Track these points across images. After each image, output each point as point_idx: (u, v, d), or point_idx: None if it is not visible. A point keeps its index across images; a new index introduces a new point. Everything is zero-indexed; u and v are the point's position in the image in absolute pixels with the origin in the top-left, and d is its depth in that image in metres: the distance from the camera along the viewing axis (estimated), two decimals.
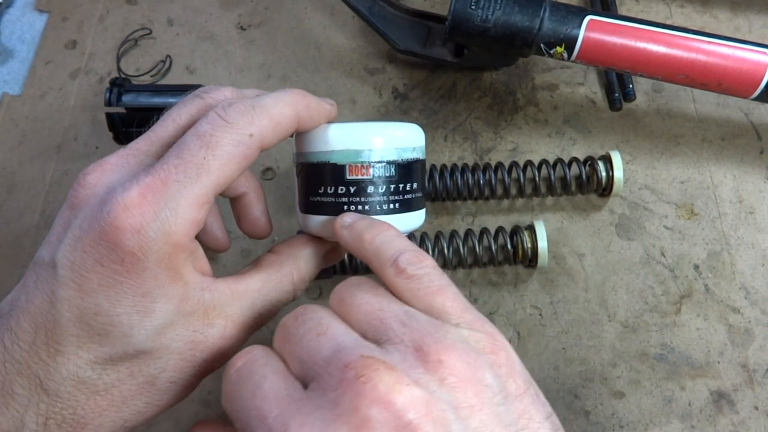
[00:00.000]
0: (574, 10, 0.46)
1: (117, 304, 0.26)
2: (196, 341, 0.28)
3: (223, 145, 0.27)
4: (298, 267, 0.32)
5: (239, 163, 0.28)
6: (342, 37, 0.58)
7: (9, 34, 0.61)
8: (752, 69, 0.45)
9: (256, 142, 0.28)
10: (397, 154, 0.32)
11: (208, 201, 0.27)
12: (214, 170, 0.27)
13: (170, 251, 0.26)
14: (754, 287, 0.47)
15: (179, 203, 0.26)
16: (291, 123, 0.30)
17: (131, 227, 0.25)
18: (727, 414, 0.44)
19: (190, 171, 0.26)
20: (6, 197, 0.52)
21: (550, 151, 0.53)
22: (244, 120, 0.28)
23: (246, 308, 0.30)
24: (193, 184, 0.26)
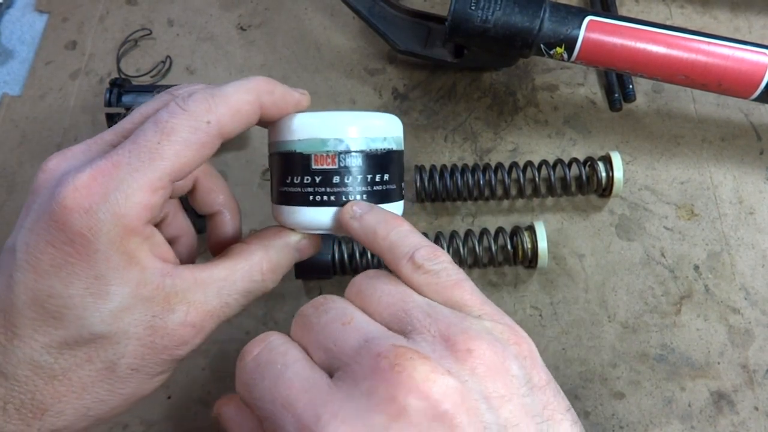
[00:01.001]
0: (574, 10, 0.46)
1: (70, 286, 0.26)
2: (155, 326, 0.28)
3: (179, 131, 0.27)
4: (269, 257, 0.31)
5: (197, 150, 0.27)
6: (342, 37, 0.58)
7: (9, 34, 0.61)
8: (752, 70, 0.45)
9: (213, 129, 0.27)
10: (365, 144, 0.31)
11: (163, 186, 0.27)
12: (168, 156, 0.27)
13: (121, 234, 0.26)
14: (754, 288, 0.47)
15: (130, 186, 0.26)
16: (252, 110, 0.29)
17: (80, 207, 0.25)
18: (727, 414, 0.44)
19: (143, 155, 0.26)
20: (6, 197, 0.52)
21: (550, 152, 0.53)
22: (201, 107, 0.27)
23: (211, 296, 0.29)
24: (146, 168, 0.26)
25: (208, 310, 0.29)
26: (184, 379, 0.45)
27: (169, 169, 0.27)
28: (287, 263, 0.32)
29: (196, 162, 0.28)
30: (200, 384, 0.45)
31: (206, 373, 0.45)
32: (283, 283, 0.47)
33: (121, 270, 0.26)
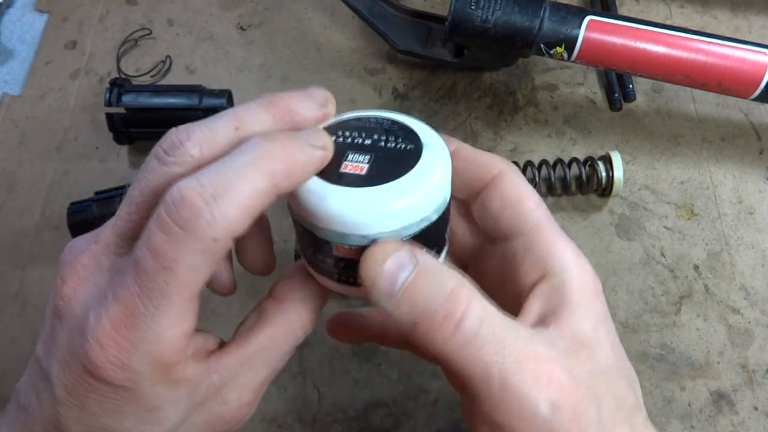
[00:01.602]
0: (574, 10, 0.46)
1: (123, 422, 0.25)
2: (213, 420, 0.27)
3: (183, 263, 0.23)
4: (305, 311, 0.29)
5: (209, 269, 0.24)
6: (342, 37, 0.58)
7: (9, 34, 0.61)
8: (752, 69, 0.45)
9: (223, 243, 0.23)
10: (396, 235, 0.25)
11: (189, 309, 0.24)
12: (182, 290, 0.23)
13: (162, 373, 0.24)
14: (754, 287, 0.47)
15: (156, 333, 0.24)
16: (267, 200, 0.24)
17: (113, 365, 0.24)
18: (727, 414, 0.44)
19: (155, 300, 0.23)
20: (6, 197, 0.52)
21: (550, 152, 0.53)
22: (202, 222, 0.22)
23: (259, 369, 0.28)
24: (163, 312, 0.23)
25: (258, 384, 0.28)
26: None
27: (185, 298, 0.24)
28: (321, 308, 0.30)
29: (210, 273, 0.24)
30: None
31: None
32: None
33: (170, 396, 0.25)
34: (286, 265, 0.48)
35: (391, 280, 0.24)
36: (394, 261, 0.24)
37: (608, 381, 0.26)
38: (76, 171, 0.53)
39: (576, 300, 0.26)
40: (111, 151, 0.54)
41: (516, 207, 0.29)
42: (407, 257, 0.24)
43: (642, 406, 0.27)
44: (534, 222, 0.28)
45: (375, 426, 0.44)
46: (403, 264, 0.24)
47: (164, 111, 0.50)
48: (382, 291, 0.24)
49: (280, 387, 0.45)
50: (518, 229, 0.29)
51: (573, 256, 0.28)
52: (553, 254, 0.28)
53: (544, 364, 0.24)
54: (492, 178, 0.29)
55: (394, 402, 0.44)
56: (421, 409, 0.44)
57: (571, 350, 0.25)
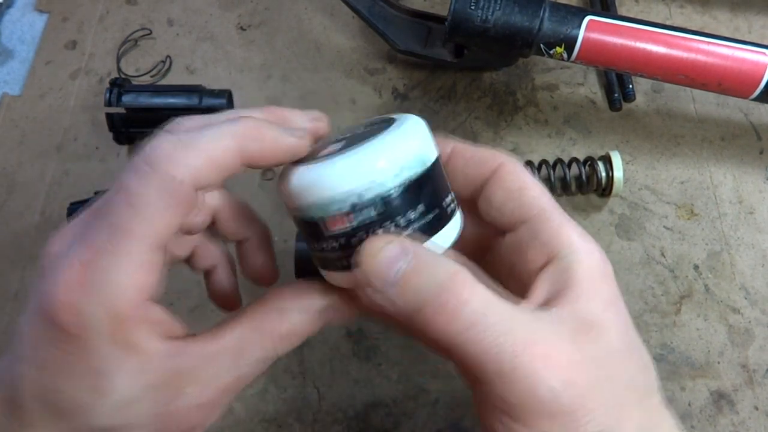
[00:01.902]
0: (573, 10, 0.46)
1: (73, 383, 0.25)
2: (165, 413, 0.26)
3: (148, 199, 0.24)
4: (284, 323, 0.27)
5: (175, 212, 0.25)
6: (342, 37, 0.58)
7: (9, 34, 0.61)
8: (752, 69, 0.45)
9: (187, 187, 0.24)
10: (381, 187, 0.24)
11: (148, 261, 0.25)
12: (145, 230, 0.24)
13: (114, 325, 0.24)
14: (754, 287, 0.47)
15: (114, 273, 0.24)
16: (233, 159, 0.25)
17: (68, 306, 0.24)
18: (727, 414, 0.44)
19: (118, 236, 0.24)
20: (6, 197, 0.52)
21: (550, 152, 0.53)
22: (169, 162, 0.24)
23: (223, 370, 0.26)
24: (124, 249, 0.24)
25: (221, 387, 0.26)
26: None
27: (148, 242, 0.24)
28: (307, 330, 0.28)
29: (178, 223, 0.25)
30: None
31: None
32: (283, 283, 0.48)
33: (121, 362, 0.25)
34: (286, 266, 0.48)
35: (389, 269, 0.24)
36: (389, 251, 0.24)
37: (617, 363, 0.25)
38: (76, 171, 0.53)
39: (583, 282, 0.26)
40: (111, 151, 0.54)
41: (519, 196, 0.29)
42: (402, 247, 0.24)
43: (657, 390, 0.27)
44: (538, 208, 0.28)
45: (375, 426, 0.44)
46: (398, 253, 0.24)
47: (164, 111, 0.50)
48: (383, 280, 0.24)
49: (280, 387, 0.45)
50: (523, 216, 0.29)
51: (580, 239, 0.28)
52: (559, 238, 0.27)
53: (552, 345, 0.24)
54: (492, 172, 0.29)
55: (394, 402, 0.44)
56: (421, 409, 0.44)
57: (578, 331, 0.25)
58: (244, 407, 0.44)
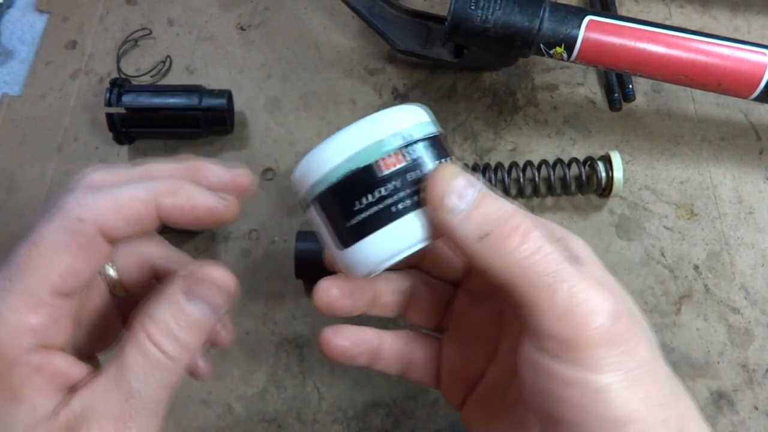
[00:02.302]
0: (573, 10, 0.46)
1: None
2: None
3: (48, 236, 0.24)
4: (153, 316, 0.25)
5: (74, 254, 0.24)
6: (342, 37, 0.59)
7: (9, 34, 0.61)
8: (751, 69, 0.45)
9: (89, 228, 0.24)
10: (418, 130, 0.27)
11: (44, 303, 0.24)
12: (40, 267, 0.23)
13: (1, 367, 0.23)
14: (754, 287, 0.47)
15: (6, 313, 0.23)
16: (143, 209, 0.25)
17: None
18: (727, 414, 0.44)
19: (14, 273, 0.23)
20: (6, 197, 0.52)
21: (550, 152, 0.53)
22: (73, 204, 0.24)
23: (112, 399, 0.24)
24: (17, 287, 0.23)
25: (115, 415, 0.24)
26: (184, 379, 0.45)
27: (46, 283, 0.24)
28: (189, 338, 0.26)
29: (81, 268, 0.24)
30: (200, 384, 0.45)
31: None
32: (283, 283, 0.48)
33: (9, 412, 0.23)
34: (286, 266, 0.48)
35: (460, 195, 0.25)
36: (463, 179, 0.25)
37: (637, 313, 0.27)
38: (76, 171, 0.52)
39: (585, 255, 0.27)
40: (111, 151, 0.54)
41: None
42: (473, 178, 0.26)
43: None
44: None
45: (375, 426, 0.44)
46: (469, 183, 0.25)
47: (164, 111, 0.50)
48: (452, 205, 0.25)
49: (280, 387, 0.45)
50: None
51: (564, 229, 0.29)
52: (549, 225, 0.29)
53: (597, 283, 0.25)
54: None
55: (394, 402, 0.44)
56: (421, 409, 0.44)
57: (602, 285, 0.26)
58: (244, 407, 0.44)
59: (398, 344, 0.33)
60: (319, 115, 0.54)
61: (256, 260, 0.49)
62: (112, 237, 0.25)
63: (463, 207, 0.25)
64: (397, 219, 0.26)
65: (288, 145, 0.53)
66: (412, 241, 0.26)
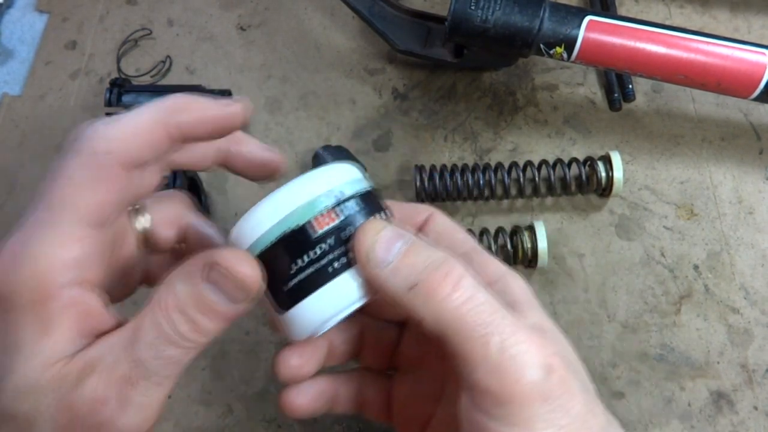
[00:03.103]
0: (573, 10, 0.46)
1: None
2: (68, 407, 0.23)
3: (77, 171, 0.25)
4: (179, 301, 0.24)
5: (105, 185, 0.25)
6: (342, 37, 0.59)
7: (9, 34, 0.61)
8: (751, 69, 0.45)
9: (112, 159, 0.25)
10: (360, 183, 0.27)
11: (82, 236, 0.24)
12: (70, 202, 0.24)
13: (40, 296, 0.23)
14: (754, 287, 0.47)
15: (43, 245, 0.24)
16: (158, 130, 0.26)
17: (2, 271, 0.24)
18: (727, 414, 0.44)
19: (54, 207, 0.24)
20: (6, 197, 0.52)
21: (550, 152, 0.53)
22: (92, 139, 0.25)
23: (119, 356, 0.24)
24: (57, 220, 0.24)
25: (118, 376, 0.24)
26: (184, 379, 0.45)
27: (81, 214, 0.24)
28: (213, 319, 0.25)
29: (107, 200, 0.25)
30: (200, 384, 0.45)
31: (206, 373, 0.45)
32: None
33: (34, 340, 0.23)
34: None
35: (387, 248, 0.25)
36: (390, 231, 0.25)
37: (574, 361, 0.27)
38: None
39: (523, 298, 0.28)
40: None
41: (450, 238, 0.31)
42: (401, 230, 0.26)
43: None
44: (470, 246, 0.30)
45: (375, 426, 0.44)
46: (397, 235, 0.26)
47: None
48: (379, 258, 0.25)
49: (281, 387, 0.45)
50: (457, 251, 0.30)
51: (505, 267, 0.30)
52: (491, 267, 0.29)
53: (532, 333, 0.25)
54: (425, 220, 0.31)
55: None
56: None
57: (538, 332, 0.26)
58: (245, 407, 0.44)
59: (352, 386, 0.34)
60: (319, 115, 0.55)
61: None
62: (133, 163, 0.26)
63: (390, 259, 0.25)
64: (332, 279, 0.25)
65: (288, 145, 0.53)
66: (349, 301, 0.26)
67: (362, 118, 0.55)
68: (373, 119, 0.54)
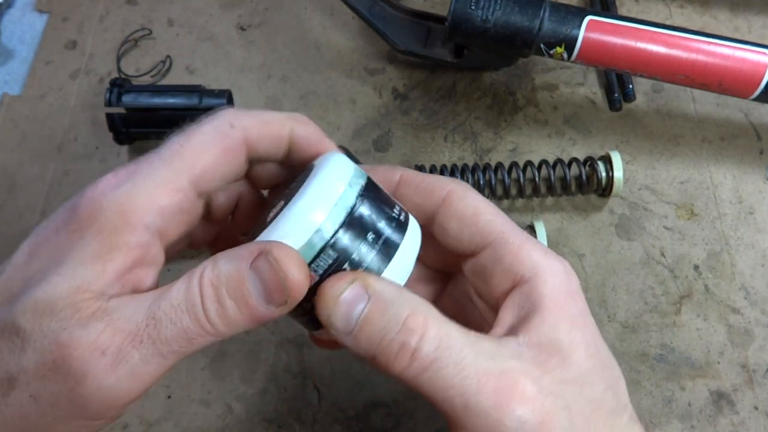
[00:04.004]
0: (573, 10, 0.46)
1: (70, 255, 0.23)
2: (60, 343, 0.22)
3: (200, 134, 0.26)
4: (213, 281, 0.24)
5: (219, 154, 0.26)
6: (342, 37, 0.58)
7: (9, 34, 0.61)
8: (752, 69, 0.45)
9: (237, 133, 0.27)
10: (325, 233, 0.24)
11: (179, 188, 0.25)
12: (187, 156, 0.25)
13: (116, 224, 0.23)
14: (754, 287, 0.47)
15: (144, 182, 0.25)
16: (282, 128, 0.28)
17: (89, 200, 0.24)
18: (727, 414, 0.44)
19: (164, 156, 0.25)
20: (6, 197, 0.52)
21: (550, 152, 0.53)
22: (228, 114, 0.27)
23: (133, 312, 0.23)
24: (164, 167, 0.25)
25: (128, 330, 0.23)
26: (184, 379, 0.45)
27: (187, 168, 0.25)
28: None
29: (219, 167, 0.26)
30: (200, 384, 0.45)
31: (206, 373, 0.45)
32: None
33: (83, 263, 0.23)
34: None
35: (347, 317, 0.24)
36: (348, 295, 0.24)
37: (582, 386, 0.25)
38: (76, 171, 0.53)
39: (547, 304, 0.26)
40: (111, 151, 0.54)
41: (474, 222, 0.28)
42: (360, 290, 0.24)
43: (625, 406, 0.27)
44: (497, 232, 0.28)
45: (375, 426, 0.44)
46: (357, 298, 0.24)
47: (164, 111, 0.50)
48: (340, 329, 0.24)
49: (280, 387, 0.45)
50: (482, 242, 0.28)
51: (542, 258, 0.27)
52: (521, 260, 0.27)
53: (507, 379, 0.24)
54: (442, 200, 0.29)
55: (394, 402, 0.44)
56: (421, 409, 0.44)
57: (540, 359, 0.25)
58: (244, 407, 0.44)
59: None
60: (319, 115, 0.55)
61: None
62: (254, 149, 0.28)
63: (351, 328, 0.24)
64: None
65: None
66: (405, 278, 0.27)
67: (362, 118, 0.55)
68: (373, 119, 0.54)
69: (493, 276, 0.28)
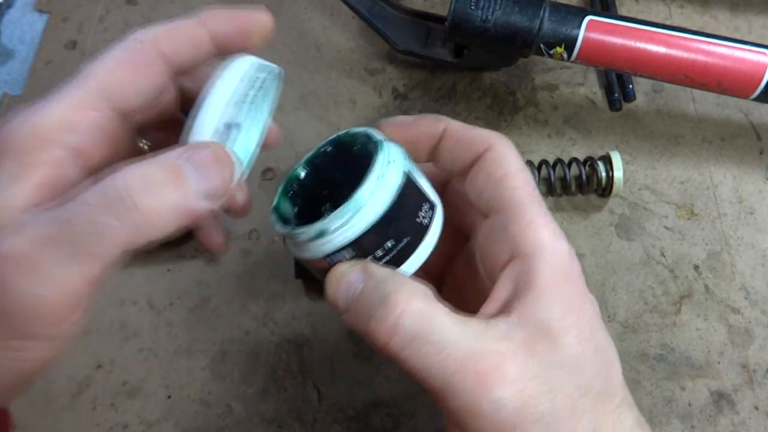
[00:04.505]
0: (573, 10, 0.46)
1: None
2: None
3: (110, 54, 0.27)
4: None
5: (131, 70, 0.27)
6: (342, 37, 0.58)
7: (9, 34, 0.61)
8: (752, 69, 0.45)
9: (146, 47, 0.27)
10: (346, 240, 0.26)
11: (94, 107, 0.26)
12: (98, 76, 0.26)
13: (30, 144, 0.24)
14: (754, 287, 0.47)
15: (57, 103, 0.26)
16: (196, 32, 0.29)
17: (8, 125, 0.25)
18: (727, 414, 0.44)
19: (75, 79, 0.26)
20: None
21: (550, 152, 0.53)
22: (136, 32, 0.27)
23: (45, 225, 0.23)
24: (74, 89, 0.26)
25: (42, 235, 0.22)
26: (184, 379, 0.45)
27: (97, 87, 0.26)
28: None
29: (134, 83, 0.27)
30: (200, 384, 0.45)
31: (206, 373, 0.45)
32: (283, 283, 0.48)
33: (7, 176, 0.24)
34: (286, 266, 0.48)
35: (346, 295, 0.26)
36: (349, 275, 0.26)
37: (570, 370, 0.25)
38: None
39: (543, 284, 0.25)
40: None
41: (499, 185, 0.28)
42: (359, 272, 0.26)
43: (617, 390, 0.26)
44: (515, 200, 0.27)
45: (375, 426, 0.44)
46: (356, 278, 0.26)
47: None
48: (340, 306, 0.26)
49: (280, 387, 0.45)
50: (498, 206, 0.28)
51: (549, 236, 0.27)
52: (526, 234, 0.26)
53: (490, 361, 0.24)
54: (480, 155, 0.29)
55: (394, 402, 0.44)
56: (421, 409, 0.44)
57: (530, 341, 0.24)
58: (244, 407, 0.44)
59: None
60: (319, 115, 0.54)
61: (256, 260, 0.49)
62: (172, 60, 0.28)
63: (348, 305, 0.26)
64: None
65: (288, 146, 0.53)
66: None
67: (362, 118, 0.55)
68: (374, 119, 0.54)
69: (495, 243, 0.27)
